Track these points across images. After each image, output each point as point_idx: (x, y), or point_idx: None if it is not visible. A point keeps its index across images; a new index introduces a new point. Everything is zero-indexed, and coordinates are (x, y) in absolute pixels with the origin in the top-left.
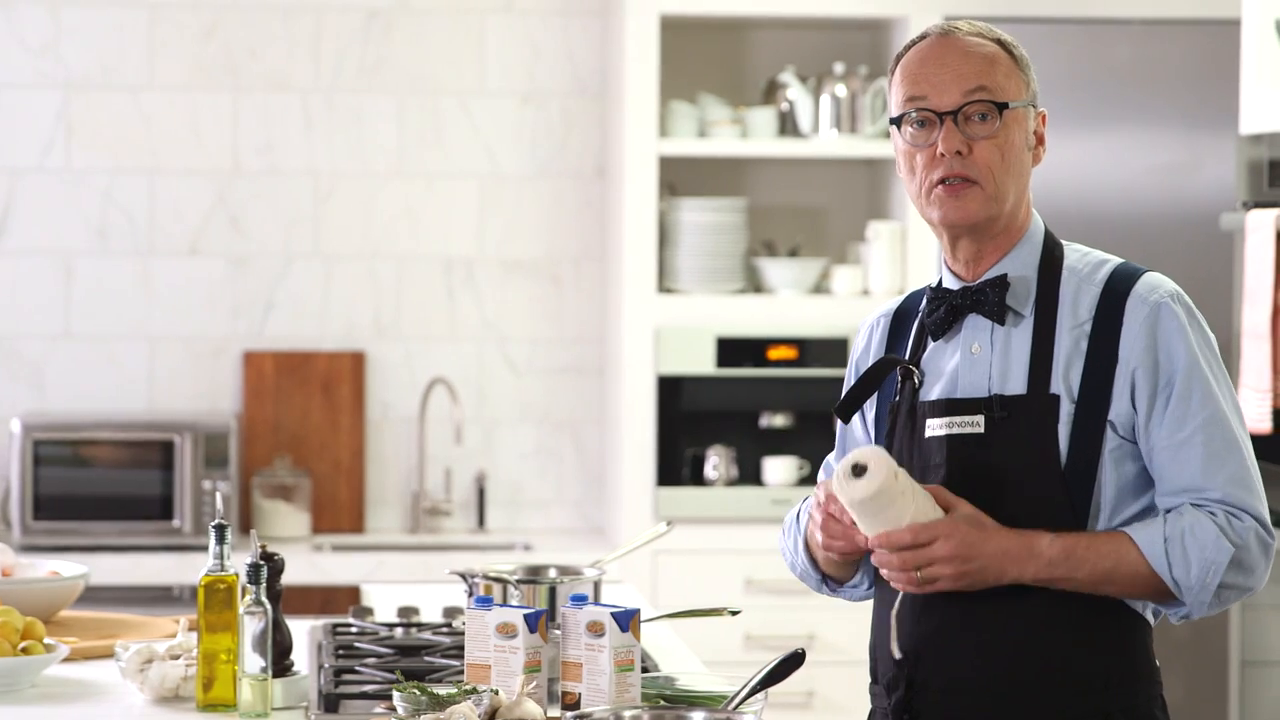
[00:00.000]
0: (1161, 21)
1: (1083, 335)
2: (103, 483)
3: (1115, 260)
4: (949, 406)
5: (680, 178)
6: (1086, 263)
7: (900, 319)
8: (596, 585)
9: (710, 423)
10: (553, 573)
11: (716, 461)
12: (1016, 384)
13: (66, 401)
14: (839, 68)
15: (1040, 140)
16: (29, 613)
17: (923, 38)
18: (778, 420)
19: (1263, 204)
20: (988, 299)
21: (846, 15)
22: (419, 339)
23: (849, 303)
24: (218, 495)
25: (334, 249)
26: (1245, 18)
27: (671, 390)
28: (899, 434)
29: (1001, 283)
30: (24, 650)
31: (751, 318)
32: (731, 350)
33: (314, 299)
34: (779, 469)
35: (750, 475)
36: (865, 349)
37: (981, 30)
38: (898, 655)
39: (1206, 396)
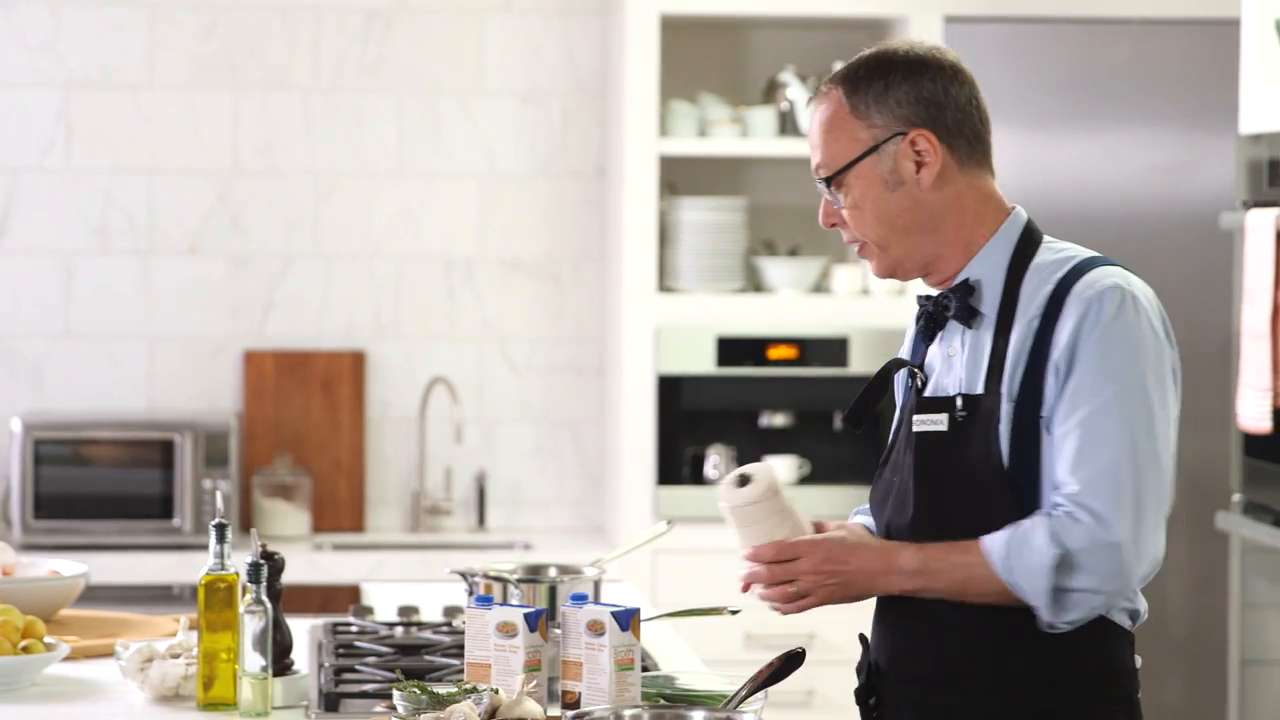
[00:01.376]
0: (1161, 21)
1: (1031, 333)
2: (103, 482)
3: (1082, 255)
4: (920, 405)
5: (680, 177)
6: (1054, 260)
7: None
8: (596, 584)
9: (710, 422)
10: (553, 572)
11: (716, 461)
12: (979, 384)
13: (67, 401)
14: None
15: (920, 163)
16: (29, 611)
17: None
18: (778, 420)
19: (1262, 203)
20: (952, 304)
21: (846, 15)
22: (419, 338)
23: (849, 302)
24: (218, 494)
25: (334, 248)
26: (1245, 17)
27: (671, 389)
28: (901, 432)
29: (964, 287)
30: (24, 649)
31: (751, 317)
32: (731, 349)
33: (314, 298)
34: (779, 468)
35: None
36: (902, 345)
37: (831, 85)
38: None
39: (1098, 390)
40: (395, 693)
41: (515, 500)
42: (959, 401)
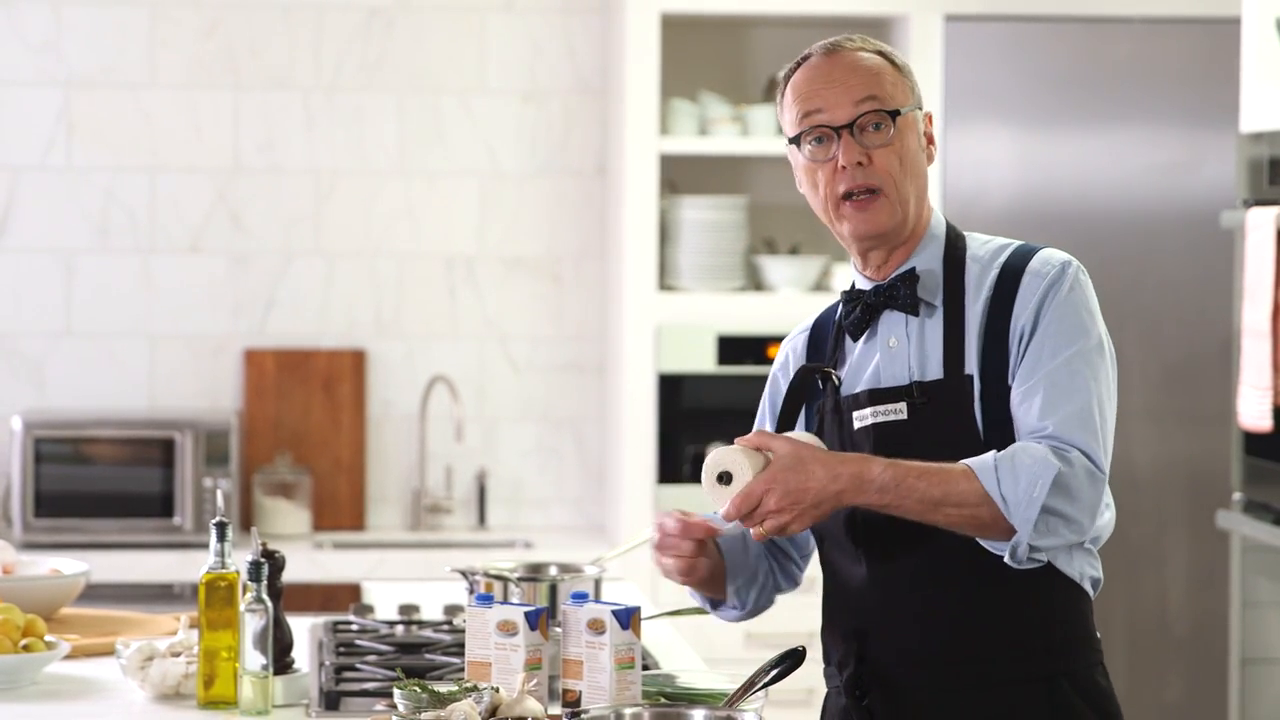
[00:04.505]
0: (1162, 20)
1: (984, 312)
2: (104, 480)
3: (1014, 243)
4: (871, 397)
5: (681, 176)
6: (988, 250)
7: (817, 333)
8: (597, 583)
9: (711, 420)
10: (553, 570)
11: None
12: (934, 370)
13: (67, 399)
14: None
15: (930, 140)
16: (30, 610)
17: (807, 57)
18: None
19: (1263, 202)
20: (900, 293)
21: (847, 13)
22: (420, 337)
23: None
24: (218, 493)
25: (335, 247)
26: (1245, 16)
27: (672, 388)
28: (827, 431)
29: (911, 276)
30: (25, 648)
31: (752, 316)
32: (732, 348)
33: (315, 297)
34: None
35: None
36: (784, 364)
37: (862, 44)
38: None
39: (1058, 350)
40: (396, 691)
41: (516, 499)
42: (914, 389)
